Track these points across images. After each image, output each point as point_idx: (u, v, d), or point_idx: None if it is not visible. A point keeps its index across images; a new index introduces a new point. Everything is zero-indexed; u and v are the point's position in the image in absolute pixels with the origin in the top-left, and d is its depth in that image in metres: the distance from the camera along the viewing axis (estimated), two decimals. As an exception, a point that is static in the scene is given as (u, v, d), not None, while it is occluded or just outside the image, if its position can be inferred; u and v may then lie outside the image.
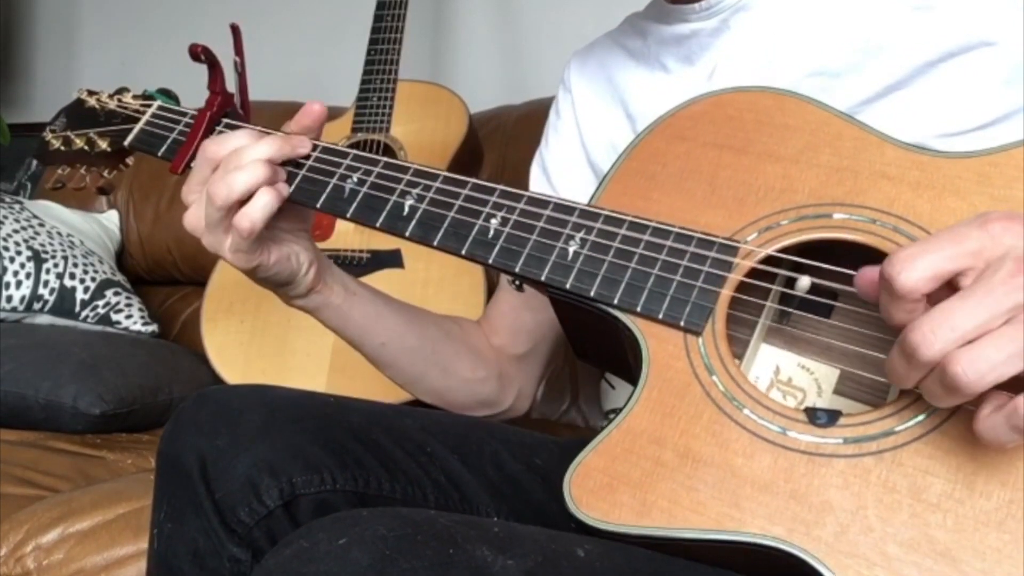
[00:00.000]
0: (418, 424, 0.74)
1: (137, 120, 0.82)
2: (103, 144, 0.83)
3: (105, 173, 0.87)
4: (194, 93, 0.99)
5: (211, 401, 0.69)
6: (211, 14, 2.21)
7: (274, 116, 1.38)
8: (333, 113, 1.57)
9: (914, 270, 0.45)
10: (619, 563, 0.52)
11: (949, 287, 0.46)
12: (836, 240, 0.57)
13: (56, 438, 1.28)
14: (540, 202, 0.66)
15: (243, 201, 0.68)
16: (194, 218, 0.71)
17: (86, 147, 0.84)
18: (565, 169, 0.89)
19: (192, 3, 2.27)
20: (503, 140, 1.66)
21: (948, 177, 0.56)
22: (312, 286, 0.77)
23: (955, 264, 0.45)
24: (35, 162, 2.21)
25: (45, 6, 2.49)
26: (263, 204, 0.68)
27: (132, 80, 0.98)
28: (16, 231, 1.66)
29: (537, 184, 0.92)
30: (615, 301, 0.60)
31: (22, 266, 1.62)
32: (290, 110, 0.76)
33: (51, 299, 1.62)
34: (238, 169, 0.68)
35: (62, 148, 0.86)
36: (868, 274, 0.49)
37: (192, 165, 0.74)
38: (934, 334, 0.43)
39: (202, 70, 0.78)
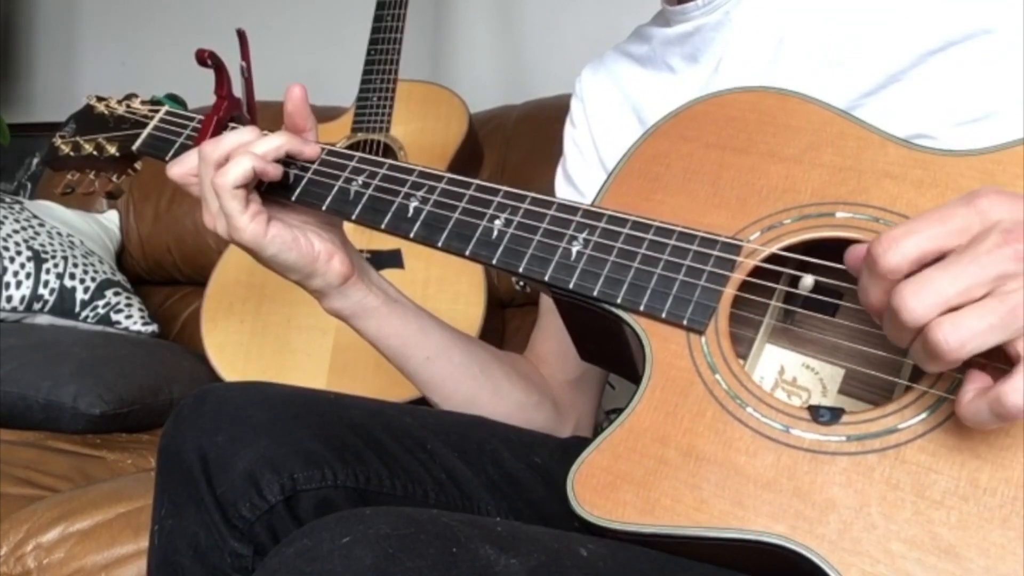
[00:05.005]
0: (418, 422, 0.74)
1: (145, 125, 0.83)
2: (112, 149, 0.84)
3: (114, 178, 0.88)
4: (194, 93, 0.99)
5: (212, 397, 0.69)
6: (211, 14, 2.21)
7: (274, 116, 1.38)
8: (333, 113, 1.57)
9: (898, 251, 0.45)
10: (622, 562, 0.52)
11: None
12: (839, 239, 0.57)
13: (56, 438, 1.27)
14: (544, 203, 0.66)
15: None
16: (204, 213, 0.73)
17: (95, 152, 0.85)
18: (587, 177, 0.88)
19: (191, 3, 2.27)
20: (503, 140, 1.66)
21: (951, 175, 0.56)
22: (343, 280, 0.75)
23: (938, 244, 0.45)
24: (36, 162, 2.21)
25: (45, 6, 2.49)
26: (241, 164, 0.69)
27: (132, 81, 0.99)
28: (16, 231, 1.66)
29: (563, 193, 0.89)
30: (618, 300, 0.60)
31: (22, 266, 1.62)
32: (290, 111, 0.76)
33: (51, 299, 1.62)
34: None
35: (71, 153, 0.87)
36: (858, 250, 0.49)
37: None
38: (915, 297, 0.44)
39: (202, 69, 0.78)
